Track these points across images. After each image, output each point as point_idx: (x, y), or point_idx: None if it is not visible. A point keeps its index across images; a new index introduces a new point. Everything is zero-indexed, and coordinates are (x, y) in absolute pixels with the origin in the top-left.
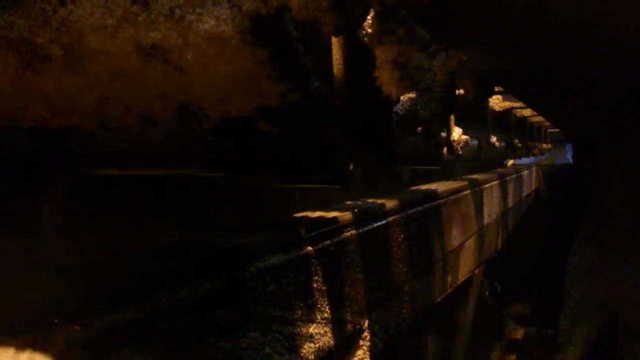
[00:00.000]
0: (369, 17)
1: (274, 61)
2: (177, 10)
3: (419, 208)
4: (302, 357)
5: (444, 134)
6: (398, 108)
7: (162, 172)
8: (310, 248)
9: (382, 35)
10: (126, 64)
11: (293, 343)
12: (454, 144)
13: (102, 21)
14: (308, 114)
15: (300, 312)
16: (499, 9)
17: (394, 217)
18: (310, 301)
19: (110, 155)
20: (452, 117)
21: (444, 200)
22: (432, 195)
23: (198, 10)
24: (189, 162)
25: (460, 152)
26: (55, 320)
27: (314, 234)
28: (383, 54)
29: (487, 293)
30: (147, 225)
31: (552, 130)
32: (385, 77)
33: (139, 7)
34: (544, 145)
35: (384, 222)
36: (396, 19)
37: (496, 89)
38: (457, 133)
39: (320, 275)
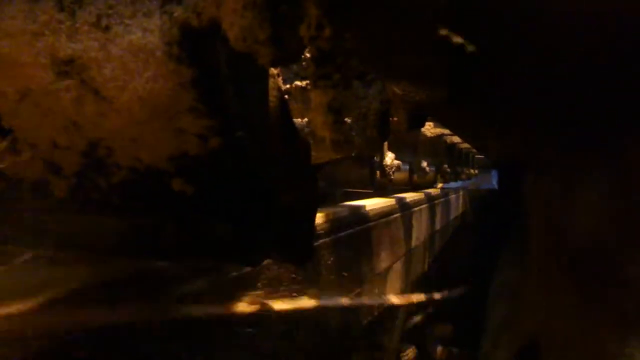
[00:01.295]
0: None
1: (198, 85)
2: (104, 19)
3: (350, 231)
4: None
5: (377, 159)
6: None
7: None
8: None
9: (317, 79)
10: (39, 80)
11: None
12: (387, 169)
13: (23, 26)
14: (229, 170)
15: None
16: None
17: (323, 240)
18: None
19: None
20: (386, 143)
21: (374, 223)
22: (363, 217)
23: (127, 22)
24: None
25: (393, 177)
26: None
27: None
28: (318, 98)
29: (412, 314)
30: None
31: (479, 156)
32: (318, 120)
33: (66, 15)
34: (472, 171)
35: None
36: (332, 64)
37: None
38: (389, 158)
39: None
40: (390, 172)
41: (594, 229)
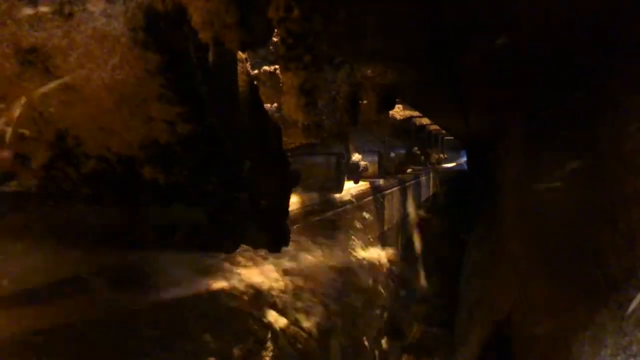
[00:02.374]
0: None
1: (166, 72)
2: (66, 6)
3: (323, 215)
4: None
5: (344, 159)
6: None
7: None
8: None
9: (288, 61)
10: (2, 70)
11: None
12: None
13: None
14: (201, 156)
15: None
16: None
17: (297, 225)
18: None
19: None
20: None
21: (348, 207)
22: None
23: (90, 8)
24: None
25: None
26: None
27: None
28: (289, 80)
29: (390, 295)
30: None
31: (448, 137)
32: (291, 103)
33: (27, 2)
34: (441, 155)
35: None
36: (303, 46)
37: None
38: (356, 158)
39: None
40: (362, 172)
41: (562, 205)
